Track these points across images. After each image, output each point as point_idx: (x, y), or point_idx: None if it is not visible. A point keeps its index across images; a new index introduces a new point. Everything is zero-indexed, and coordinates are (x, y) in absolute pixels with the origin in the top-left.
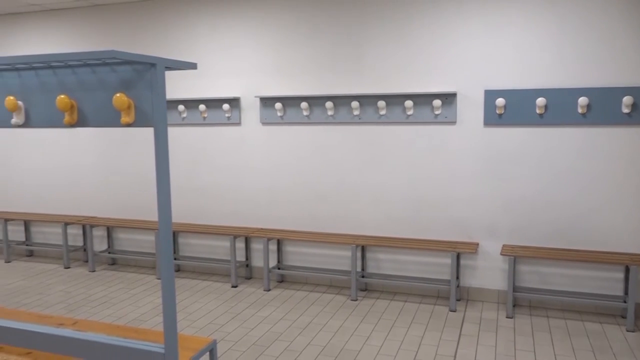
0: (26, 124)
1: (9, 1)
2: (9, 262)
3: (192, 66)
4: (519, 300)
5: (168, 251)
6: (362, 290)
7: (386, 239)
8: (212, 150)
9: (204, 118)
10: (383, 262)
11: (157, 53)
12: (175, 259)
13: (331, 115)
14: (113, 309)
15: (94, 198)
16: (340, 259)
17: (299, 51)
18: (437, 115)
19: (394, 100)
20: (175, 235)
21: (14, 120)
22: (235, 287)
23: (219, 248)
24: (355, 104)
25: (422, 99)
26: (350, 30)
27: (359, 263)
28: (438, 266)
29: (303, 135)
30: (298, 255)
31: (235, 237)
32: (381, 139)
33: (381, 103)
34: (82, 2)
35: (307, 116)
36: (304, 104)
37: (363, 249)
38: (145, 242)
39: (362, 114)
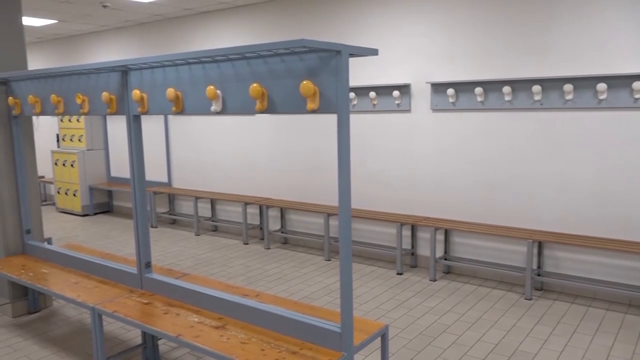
0: (223, 111)
1: (203, 1)
2: (198, 235)
3: (374, 52)
4: None
5: (347, 236)
6: (537, 289)
7: (567, 236)
8: (381, 137)
9: (374, 105)
10: (562, 261)
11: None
12: None
13: (508, 101)
14: (286, 285)
15: (270, 181)
16: (514, 254)
17: (473, 33)
18: (638, 99)
19: (583, 83)
20: None
21: (213, 108)
22: (401, 274)
23: (384, 234)
24: (536, 88)
25: (618, 82)
26: (534, 7)
27: (535, 260)
28: (630, 270)
29: (476, 122)
30: (467, 247)
31: (402, 224)
32: (566, 126)
33: (568, 87)
34: None
35: (481, 102)
36: (478, 89)
37: (540, 245)
38: (314, 224)
39: (544, 99)
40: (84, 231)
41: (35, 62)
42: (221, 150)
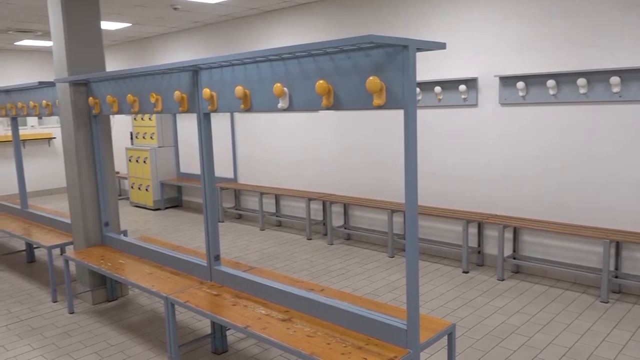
0: (290, 108)
1: (266, 0)
2: (263, 230)
3: (441, 46)
4: None
5: (414, 233)
6: (614, 292)
7: None
8: (446, 133)
9: (439, 100)
10: None
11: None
12: (405, 238)
13: (583, 94)
14: (350, 281)
15: (333, 177)
16: (588, 254)
17: (544, 23)
18: None
19: None
20: (405, 215)
21: (280, 105)
22: (467, 272)
23: (449, 232)
24: (615, 79)
25: None
26: None
27: (612, 261)
28: None
29: (548, 116)
30: (537, 246)
31: (468, 222)
32: None
33: None
34: None
35: (553, 95)
36: (550, 82)
37: (618, 245)
38: (377, 220)
39: (623, 91)
40: (155, 224)
41: (111, 64)
42: (285, 147)
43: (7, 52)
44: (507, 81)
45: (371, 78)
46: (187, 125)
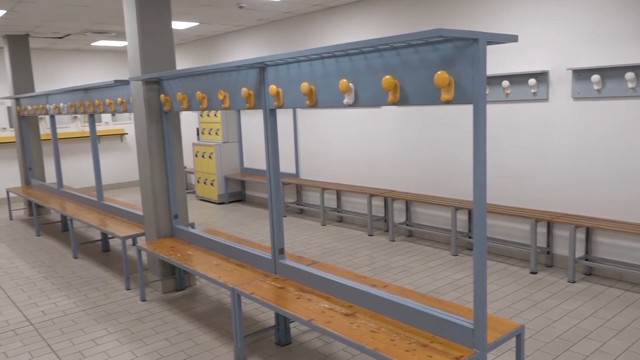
0: (355, 103)
1: None
2: (324, 225)
3: (513, 39)
4: None
5: (482, 231)
6: None
7: None
8: (514, 128)
9: (507, 95)
10: None
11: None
12: (469, 237)
13: None
14: (412, 279)
15: (395, 173)
16: None
17: (621, 12)
18: None
19: None
20: (470, 213)
21: (345, 100)
22: (535, 273)
23: (516, 231)
24: None
25: None
26: None
27: None
28: None
29: (626, 111)
30: (611, 248)
31: (536, 221)
32: None
33: None
34: None
35: (632, 89)
36: (629, 75)
37: None
38: (440, 217)
39: None
40: (220, 218)
41: (180, 63)
42: (347, 142)
43: (84, 53)
44: (581, 74)
45: (439, 72)
46: (251, 121)
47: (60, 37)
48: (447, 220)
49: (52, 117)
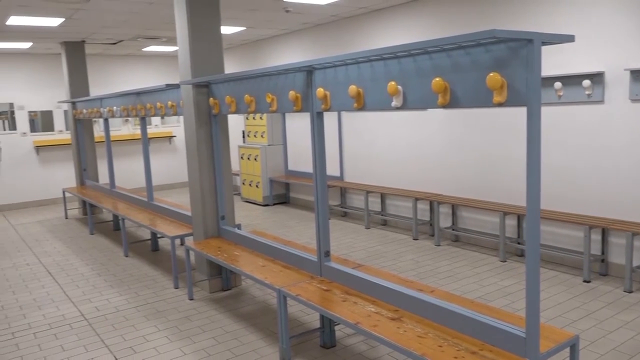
0: (404, 106)
1: None
2: (368, 228)
3: (570, 39)
4: None
5: (535, 237)
6: None
7: None
8: (566, 131)
9: (559, 97)
10: None
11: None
12: (518, 242)
13: None
14: (458, 284)
15: (441, 176)
16: None
17: None
18: None
19: None
20: (519, 218)
21: (394, 103)
22: (588, 282)
23: (569, 237)
24: None
25: None
26: None
27: None
28: None
29: None
30: None
31: (590, 227)
32: None
33: None
34: None
35: None
36: None
37: None
38: (488, 222)
39: None
40: (265, 220)
41: (227, 67)
42: (392, 145)
43: (136, 58)
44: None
45: (492, 74)
46: (296, 124)
47: (114, 43)
48: (495, 225)
49: (106, 120)
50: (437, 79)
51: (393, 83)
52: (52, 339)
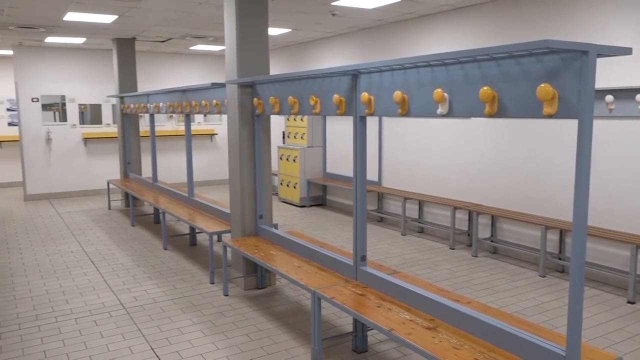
0: (449, 114)
1: (424, 4)
2: (404, 235)
3: (627, 51)
4: None
5: (581, 254)
6: None
7: None
8: (617, 146)
9: (610, 110)
10: None
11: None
12: (559, 258)
13: None
14: (494, 297)
15: (482, 186)
16: None
17: None
18: None
19: None
20: (561, 233)
21: (439, 111)
22: (632, 303)
23: (614, 256)
24: None
25: None
26: None
27: None
28: None
29: None
30: None
31: (637, 247)
32: None
33: None
34: None
35: None
36: None
37: None
38: (528, 236)
39: None
40: (301, 220)
41: (270, 68)
42: (431, 151)
43: (182, 56)
44: None
45: (542, 85)
46: (336, 127)
47: (163, 41)
48: (535, 239)
49: (152, 116)
50: (485, 87)
51: (439, 90)
52: (92, 325)
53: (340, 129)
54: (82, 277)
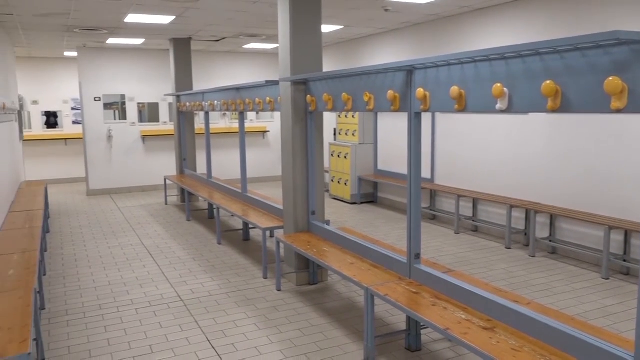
0: (509, 109)
1: None
2: (457, 233)
3: None
4: None
5: None
6: None
7: None
8: None
9: None
10: None
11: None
12: (624, 260)
13: None
14: (553, 299)
15: (540, 183)
16: None
17: None
18: None
19: None
20: (626, 234)
21: (498, 106)
22: None
23: None
24: None
25: None
26: None
27: None
28: None
29: None
30: None
31: None
32: None
33: None
34: None
35: None
36: None
37: None
38: (590, 236)
39: None
40: (351, 217)
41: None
42: (486, 148)
43: (236, 54)
44: None
45: (611, 78)
46: (387, 123)
47: (217, 40)
48: (598, 239)
49: (207, 114)
50: (548, 81)
51: (499, 85)
52: (151, 315)
53: (391, 125)
54: (142, 269)
